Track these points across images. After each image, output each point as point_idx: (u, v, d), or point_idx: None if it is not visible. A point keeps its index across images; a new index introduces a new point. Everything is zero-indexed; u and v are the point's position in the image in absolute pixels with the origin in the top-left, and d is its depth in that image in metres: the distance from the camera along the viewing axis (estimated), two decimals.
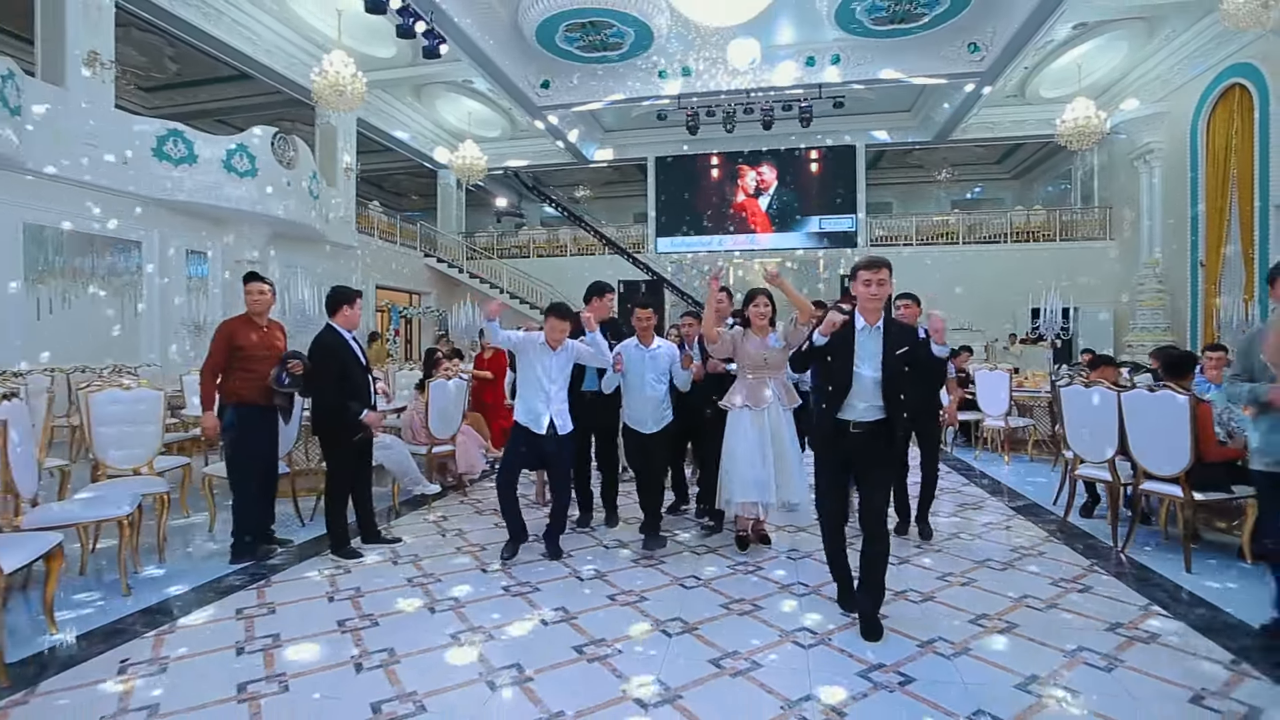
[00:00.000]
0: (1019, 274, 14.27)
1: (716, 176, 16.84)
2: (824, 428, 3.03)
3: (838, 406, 2.95)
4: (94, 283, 8.95)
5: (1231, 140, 10.97)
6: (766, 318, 3.92)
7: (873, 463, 2.96)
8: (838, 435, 2.98)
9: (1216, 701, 2.33)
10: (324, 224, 12.26)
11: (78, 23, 8.53)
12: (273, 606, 3.21)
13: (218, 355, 3.94)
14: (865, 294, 2.93)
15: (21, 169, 7.78)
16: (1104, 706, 2.31)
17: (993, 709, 2.29)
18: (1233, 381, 2.76)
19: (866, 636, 2.85)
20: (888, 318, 2.99)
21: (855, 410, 2.95)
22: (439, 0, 9.59)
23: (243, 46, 10.97)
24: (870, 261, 2.98)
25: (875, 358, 2.91)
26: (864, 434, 2.94)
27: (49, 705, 2.33)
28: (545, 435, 3.87)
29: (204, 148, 9.86)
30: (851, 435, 2.95)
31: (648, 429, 4.19)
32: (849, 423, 2.95)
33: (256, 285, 4.18)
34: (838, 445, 2.99)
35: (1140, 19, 10.99)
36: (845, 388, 2.92)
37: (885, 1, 10.18)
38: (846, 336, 2.94)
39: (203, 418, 3.93)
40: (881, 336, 2.93)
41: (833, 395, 2.96)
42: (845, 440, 2.97)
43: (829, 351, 2.96)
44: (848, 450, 2.98)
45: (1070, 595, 3.35)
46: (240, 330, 4.04)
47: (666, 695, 2.40)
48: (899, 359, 2.90)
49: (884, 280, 2.92)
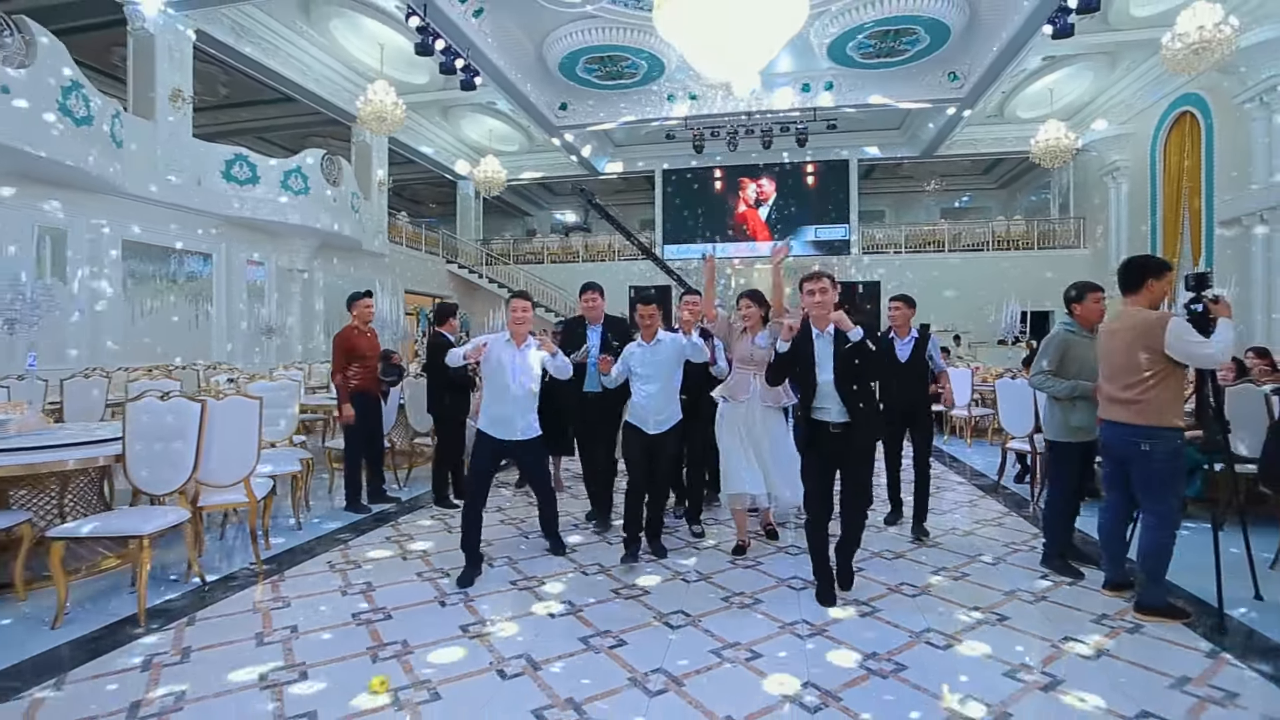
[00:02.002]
0: (1000, 279, 15.52)
1: (719, 188, 18.06)
2: (805, 430, 3.31)
3: (810, 409, 3.26)
4: (174, 291, 10.17)
5: (1184, 161, 12.20)
6: (751, 319, 4.06)
7: (854, 461, 3.25)
8: (817, 437, 3.25)
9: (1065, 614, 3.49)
10: (361, 234, 13.47)
11: (164, 64, 9.75)
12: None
13: (340, 359, 5.11)
14: (810, 303, 3.25)
15: (122, 193, 8.99)
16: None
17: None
18: (1047, 376, 3.66)
19: (841, 586, 3.35)
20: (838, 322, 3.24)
21: (829, 412, 3.21)
22: (475, 39, 10.80)
23: (293, 75, 12.15)
24: (811, 274, 3.31)
25: (829, 360, 3.21)
26: (842, 435, 3.20)
27: (294, 581, 3.56)
28: (515, 442, 3.78)
29: (265, 169, 11.08)
30: (831, 436, 3.21)
31: (648, 429, 3.94)
32: (827, 424, 3.22)
33: (366, 300, 5.37)
34: (819, 446, 3.25)
35: (1103, 53, 12.20)
36: (812, 391, 3.25)
37: (871, 41, 11.40)
38: (805, 344, 3.27)
39: (343, 409, 5.07)
40: (832, 340, 3.22)
41: (804, 400, 3.29)
42: (825, 442, 3.23)
43: (795, 359, 3.27)
44: (828, 451, 3.24)
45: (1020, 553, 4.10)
46: (353, 337, 5.21)
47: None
48: (847, 356, 3.14)
49: (825, 289, 3.23)
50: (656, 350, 3.94)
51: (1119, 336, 3.17)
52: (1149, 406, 3.03)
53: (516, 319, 3.85)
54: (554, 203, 24.48)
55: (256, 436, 3.70)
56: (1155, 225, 13.10)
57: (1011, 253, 16.99)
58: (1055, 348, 3.67)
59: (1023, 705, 2.36)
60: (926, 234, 17.99)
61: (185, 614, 3.15)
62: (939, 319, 15.36)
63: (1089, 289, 3.72)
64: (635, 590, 3.48)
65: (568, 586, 3.54)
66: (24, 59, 7.12)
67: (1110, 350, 3.22)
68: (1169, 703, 2.36)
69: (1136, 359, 3.06)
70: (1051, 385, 3.65)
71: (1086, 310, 3.69)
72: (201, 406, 3.41)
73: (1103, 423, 3.27)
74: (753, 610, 3.22)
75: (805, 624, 3.04)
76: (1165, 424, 3.02)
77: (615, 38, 11.32)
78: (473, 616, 3.15)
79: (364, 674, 2.58)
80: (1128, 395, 3.09)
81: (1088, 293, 3.70)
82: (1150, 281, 3.13)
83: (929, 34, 11.19)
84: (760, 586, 3.52)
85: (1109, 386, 3.21)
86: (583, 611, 3.19)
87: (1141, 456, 3.05)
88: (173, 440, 3.38)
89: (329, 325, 13.63)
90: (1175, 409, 3.06)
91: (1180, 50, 8.75)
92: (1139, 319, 3.10)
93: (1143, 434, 3.04)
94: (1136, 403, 3.06)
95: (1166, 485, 3.05)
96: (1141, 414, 3.05)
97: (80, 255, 8.67)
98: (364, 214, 13.78)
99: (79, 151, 7.73)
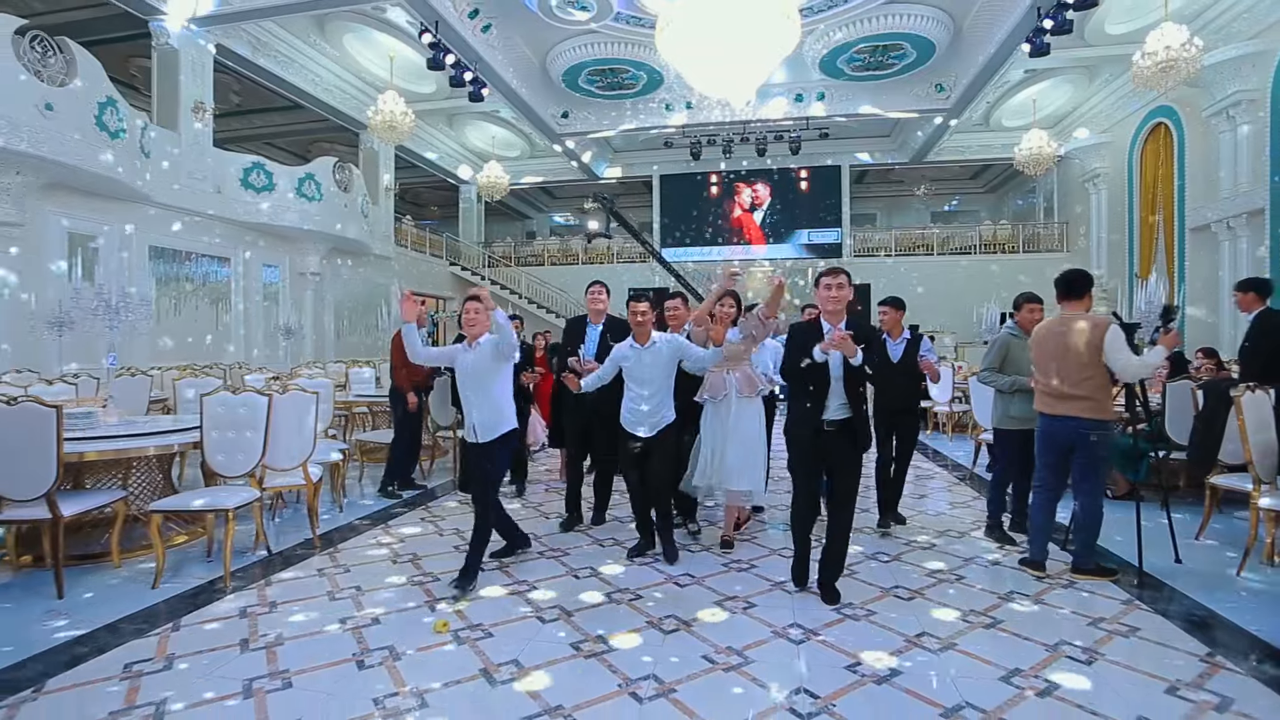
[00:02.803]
0: (986, 281, 16.13)
1: (715, 193, 18.61)
2: (803, 428, 3.24)
3: (821, 407, 3.20)
4: (195, 294, 10.64)
5: (1158, 170, 12.81)
6: (730, 317, 4.13)
7: (843, 460, 3.24)
8: (815, 434, 3.21)
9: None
10: (370, 238, 13.95)
11: (187, 77, 10.22)
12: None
13: (397, 356, 5.61)
14: (826, 297, 3.24)
15: (149, 201, 9.46)
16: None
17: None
18: (992, 373, 4.27)
19: (826, 600, 3.27)
20: (849, 320, 3.26)
21: (829, 409, 3.20)
22: (483, 53, 11.29)
23: (306, 85, 12.61)
24: (830, 269, 3.30)
25: (839, 357, 3.14)
26: (835, 432, 3.20)
27: (349, 552, 4.08)
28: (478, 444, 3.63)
29: (281, 177, 11.55)
30: (825, 434, 3.20)
31: (642, 432, 3.87)
32: (824, 421, 3.20)
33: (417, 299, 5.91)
34: (814, 444, 3.22)
35: (1082, 67, 12.79)
36: (825, 389, 3.18)
37: (861, 55, 11.95)
38: (816, 340, 3.17)
39: (410, 399, 5.52)
40: None
41: (815, 395, 3.20)
42: (820, 439, 3.21)
43: (808, 356, 3.17)
44: (821, 449, 3.23)
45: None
46: None
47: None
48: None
49: (842, 284, 3.23)
50: (651, 354, 3.82)
51: (1066, 338, 3.57)
52: (1097, 403, 3.49)
53: (469, 320, 3.71)
54: (553, 206, 24.97)
55: (313, 426, 4.21)
56: (1132, 230, 13.72)
57: (998, 256, 17.58)
58: (999, 349, 4.26)
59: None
60: (916, 237, 18.58)
61: (262, 577, 3.67)
62: (926, 320, 15.94)
63: (1026, 300, 4.33)
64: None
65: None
66: (65, 77, 7.59)
67: (1057, 350, 3.59)
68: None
69: (1086, 357, 3.49)
70: (995, 380, 4.24)
71: (1023, 318, 4.29)
72: (269, 400, 3.91)
73: (1047, 416, 3.69)
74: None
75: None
76: (1108, 417, 3.56)
77: (617, 52, 11.84)
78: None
79: (424, 620, 3.11)
80: (1078, 391, 3.51)
81: (1024, 303, 4.33)
82: (1088, 292, 3.64)
83: (915, 49, 11.76)
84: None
85: (1056, 383, 3.60)
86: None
87: (1089, 445, 3.52)
88: (245, 429, 3.88)
89: (339, 326, 14.12)
90: (1111, 404, 3.59)
91: (1149, 68, 9.30)
92: (1090, 323, 3.52)
93: (1091, 426, 3.50)
94: (1087, 399, 3.50)
95: (1101, 468, 3.58)
96: (1090, 409, 3.49)
97: (111, 261, 9.13)
98: (372, 218, 14.25)
99: (113, 163, 8.20)
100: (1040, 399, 3.73)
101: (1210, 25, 10.44)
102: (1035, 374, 3.81)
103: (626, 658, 2.75)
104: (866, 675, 2.61)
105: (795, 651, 2.82)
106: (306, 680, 2.56)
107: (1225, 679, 2.53)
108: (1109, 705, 2.35)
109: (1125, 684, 2.51)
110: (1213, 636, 2.90)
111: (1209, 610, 3.18)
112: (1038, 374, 3.77)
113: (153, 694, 2.45)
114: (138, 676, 2.57)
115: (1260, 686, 2.48)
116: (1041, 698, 2.42)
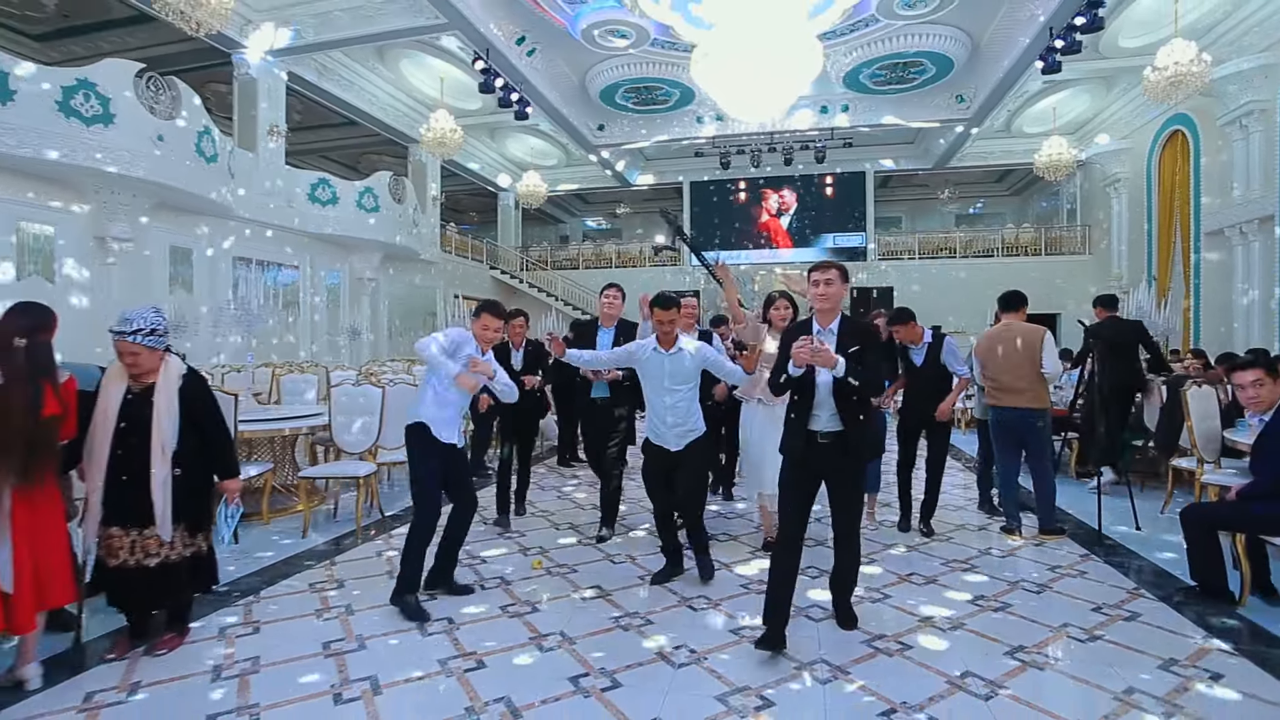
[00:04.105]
0: (1009, 284, 16.54)
1: (743, 199, 19.34)
2: (794, 440, 2.94)
3: (806, 416, 2.90)
4: (269, 298, 11.74)
5: (1175, 176, 13.21)
6: (786, 319, 3.98)
7: (840, 478, 2.92)
8: (806, 447, 2.90)
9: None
10: (419, 245, 15.00)
11: (264, 103, 11.32)
12: None
13: None
14: (816, 294, 2.92)
15: (233, 216, 10.56)
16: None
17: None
18: None
19: (842, 625, 3.05)
20: (843, 319, 2.96)
21: (820, 420, 2.88)
22: (528, 75, 12.21)
23: (363, 105, 13.67)
24: (821, 263, 3.01)
25: None
26: (830, 445, 2.87)
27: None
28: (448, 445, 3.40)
29: (343, 191, 12.63)
30: (819, 446, 2.88)
31: (670, 445, 3.64)
32: (816, 433, 2.88)
33: None
34: (805, 458, 2.90)
35: (1099, 77, 13.26)
36: (810, 395, 2.88)
37: (882, 71, 12.61)
38: None
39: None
40: (835, 339, 2.88)
41: (799, 404, 2.92)
42: (813, 452, 2.89)
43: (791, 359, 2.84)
44: (815, 464, 2.90)
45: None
46: None
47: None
48: (849, 360, 2.77)
49: (832, 280, 2.89)
50: (677, 361, 3.59)
51: (1013, 343, 4.39)
52: (1036, 394, 4.33)
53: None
54: (586, 211, 25.91)
55: None
56: (1151, 234, 14.12)
57: (1021, 258, 17.99)
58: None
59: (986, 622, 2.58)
60: (940, 240, 19.09)
61: (384, 530, 4.60)
62: (950, 323, 16.48)
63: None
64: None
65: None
66: (172, 112, 8.67)
67: (1005, 353, 4.41)
68: (1090, 619, 3.05)
69: (1024, 357, 4.32)
70: None
71: None
72: (383, 391, 4.83)
73: (996, 408, 4.51)
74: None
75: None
76: (1047, 406, 4.37)
77: (652, 71, 12.69)
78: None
79: (524, 562, 4.00)
80: (1022, 385, 4.35)
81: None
82: (1023, 307, 4.55)
83: (934, 65, 12.38)
84: None
85: (1005, 379, 4.40)
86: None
87: (1036, 430, 4.36)
88: (363, 415, 4.80)
89: (391, 327, 15.20)
90: (1047, 395, 4.39)
91: (1159, 81, 9.84)
92: (1028, 330, 4.39)
93: (1036, 415, 4.36)
94: (1030, 391, 4.34)
95: (1048, 447, 4.38)
96: (1031, 400, 4.34)
97: (203, 270, 10.25)
98: (421, 226, 15.30)
99: (208, 184, 9.27)
100: (989, 394, 4.52)
101: (1223, 39, 10.89)
102: (983, 373, 4.56)
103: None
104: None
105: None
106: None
107: (1141, 603, 3.34)
108: (1047, 617, 3.16)
109: (1065, 605, 3.31)
110: (1141, 576, 3.71)
111: (1145, 559, 3.99)
112: (986, 373, 4.53)
113: (338, 602, 3.37)
114: (323, 590, 3.51)
115: (1166, 608, 3.27)
116: (997, 612, 3.20)
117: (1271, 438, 3.11)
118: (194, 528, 2.85)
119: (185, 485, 2.76)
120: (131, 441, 2.67)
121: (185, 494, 2.76)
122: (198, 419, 2.81)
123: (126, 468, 2.66)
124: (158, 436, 2.66)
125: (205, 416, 2.84)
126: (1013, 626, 3.06)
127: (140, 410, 2.69)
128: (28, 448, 2.30)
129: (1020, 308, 4.54)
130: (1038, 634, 2.98)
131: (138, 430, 2.67)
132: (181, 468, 2.74)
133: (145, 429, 2.66)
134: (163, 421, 2.68)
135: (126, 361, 2.70)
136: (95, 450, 2.64)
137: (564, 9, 10.65)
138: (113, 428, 2.65)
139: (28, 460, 2.31)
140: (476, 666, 2.72)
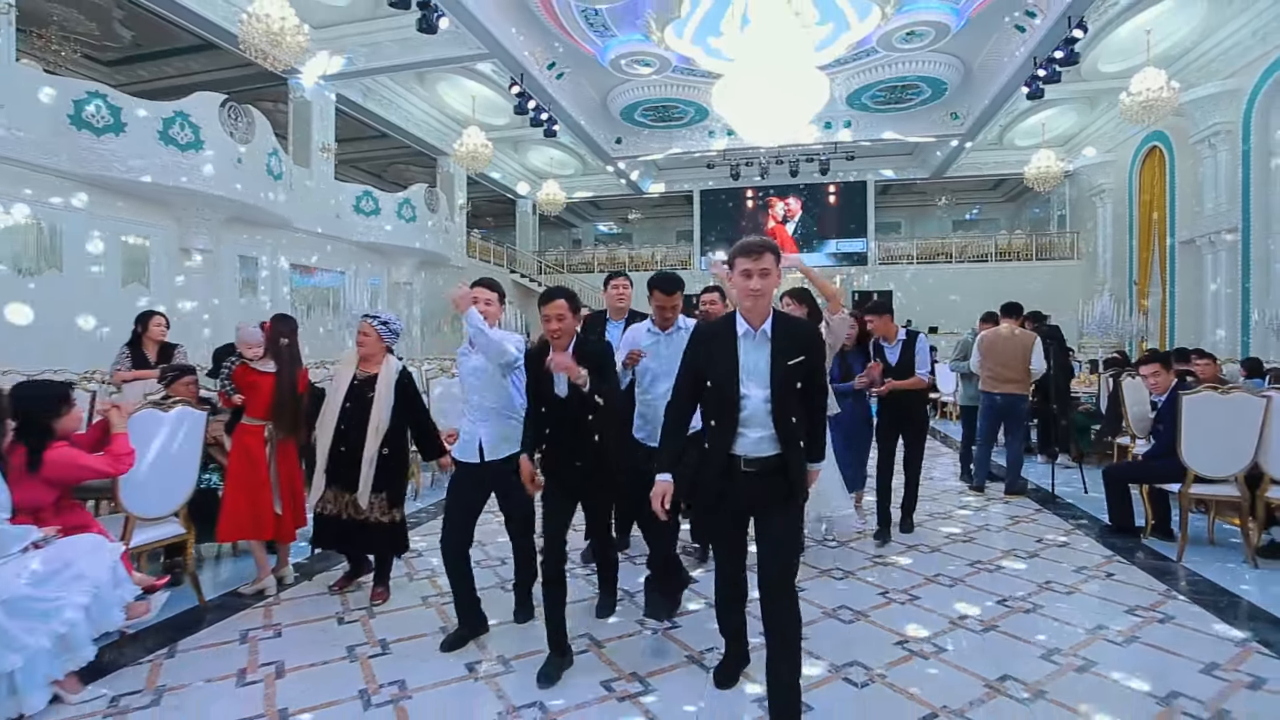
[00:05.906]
0: (1003, 287, 17.61)
1: (751, 207, 20.42)
2: (710, 469, 2.27)
3: (727, 440, 2.25)
4: (320, 301, 12.82)
5: (1154, 188, 14.26)
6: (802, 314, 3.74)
7: (771, 513, 2.27)
8: (727, 477, 2.26)
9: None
10: (450, 251, 16.06)
11: (317, 124, 12.40)
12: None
13: None
14: (744, 288, 2.21)
15: (291, 228, 11.63)
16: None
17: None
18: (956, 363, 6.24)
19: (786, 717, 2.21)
20: (778, 317, 2.28)
21: (745, 442, 2.24)
22: (556, 95, 13.27)
23: (399, 121, 14.73)
24: (748, 246, 2.22)
25: (762, 373, 2.22)
26: (756, 474, 2.24)
27: None
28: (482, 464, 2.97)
29: (384, 202, 13.70)
30: (743, 475, 2.25)
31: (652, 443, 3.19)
32: (739, 459, 2.25)
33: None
34: (727, 491, 2.28)
35: (1083, 97, 14.31)
36: (733, 414, 2.23)
37: (882, 93, 13.67)
38: (726, 347, 2.26)
39: None
40: (769, 344, 2.24)
41: (718, 427, 2.26)
42: (735, 484, 2.27)
43: (705, 369, 2.29)
44: (738, 497, 2.29)
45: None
46: None
47: None
48: (791, 372, 2.20)
49: (768, 270, 2.19)
50: (673, 341, 3.23)
51: (1012, 342, 5.56)
52: (1022, 384, 5.48)
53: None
54: (598, 216, 26.98)
55: None
56: (1132, 242, 15.17)
57: (1013, 263, 19.04)
58: (960, 347, 6.14)
59: None
60: (937, 246, 20.15)
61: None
62: (945, 323, 17.54)
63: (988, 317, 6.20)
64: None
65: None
66: (247, 136, 9.74)
67: (1005, 350, 5.59)
68: (1032, 548, 4.45)
69: (1019, 355, 5.48)
70: (960, 366, 6.10)
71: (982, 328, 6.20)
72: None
73: (990, 394, 5.63)
74: None
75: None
76: (1028, 393, 5.48)
77: (670, 93, 13.77)
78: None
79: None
80: (1015, 376, 5.51)
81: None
82: (1020, 314, 5.66)
83: (930, 87, 13.44)
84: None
85: (1004, 371, 5.55)
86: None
87: (1019, 411, 5.53)
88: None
89: (424, 328, 16.28)
90: (1029, 386, 5.51)
91: (1133, 105, 10.89)
92: (1021, 334, 5.55)
93: (1020, 399, 5.51)
94: (1020, 381, 5.50)
95: (1023, 427, 5.50)
96: (1019, 388, 5.52)
97: (266, 276, 11.33)
98: (450, 233, 16.38)
99: (274, 199, 10.35)
100: (986, 381, 5.65)
101: (1193, 65, 11.95)
102: (985, 364, 5.67)
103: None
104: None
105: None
106: None
107: (1077, 538, 4.44)
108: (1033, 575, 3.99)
109: (1013, 537, 4.39)
110: (1077, 521, 4.82)
111: (1084, 511, 5.07)
112: (988, 365, 5.65)
113: None
114: None
115: (1093, 541, 4.33)
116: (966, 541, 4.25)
117: (1165, 412, 4.17)
118: (392, 501, 3.27)
119: (389, 462, 3.22)
120: (353, 419, 3.19)
121: (388, 470, 3.22)
122: (409, 408, 3.30)
123: (345, 440, 3.18)
124: (375, 417, 3.14)
125: (415, 406, 3.35)
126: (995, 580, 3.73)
127: (363, 394, 3.21)
128: (293, 413, 3.34)
129: (1018, 315, 5.75)
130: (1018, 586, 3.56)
131: (358, 410, 3.19)
132: (389, 447, 3.21)
133: (365, 410, 3.17)
134: (381, 405, 3.18)
135: (359, 340, 3.24)
136: (325, 423, 3.26)
137: (594, 41, 11.70)
138: (338, 407, 3.23)
139: (294, 420, 3.34)
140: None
